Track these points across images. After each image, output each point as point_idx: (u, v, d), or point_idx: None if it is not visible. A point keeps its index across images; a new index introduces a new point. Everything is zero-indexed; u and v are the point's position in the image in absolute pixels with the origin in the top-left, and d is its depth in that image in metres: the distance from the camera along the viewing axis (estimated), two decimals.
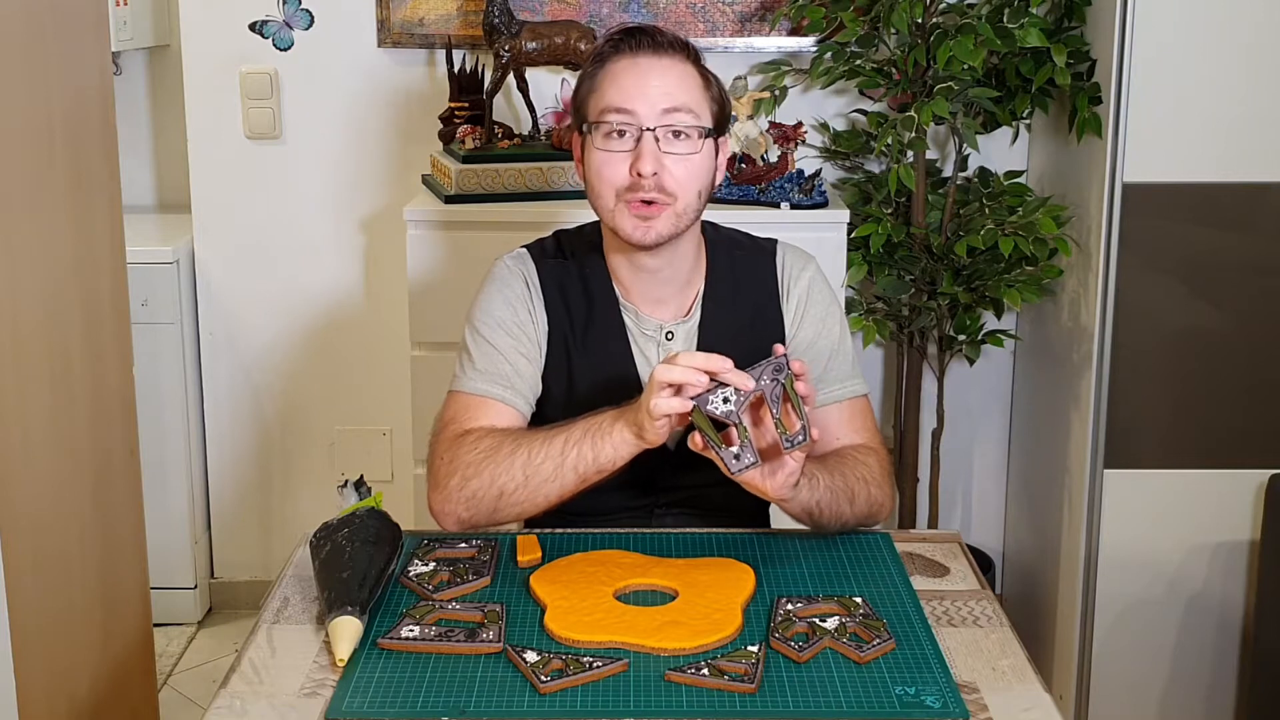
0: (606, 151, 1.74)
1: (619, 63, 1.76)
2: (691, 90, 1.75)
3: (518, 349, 1.81)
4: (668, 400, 1.56)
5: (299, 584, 1.66)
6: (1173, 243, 2.57)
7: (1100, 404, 2.62)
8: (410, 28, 3.02)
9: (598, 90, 1.76)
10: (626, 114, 1.73)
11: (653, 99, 1.72)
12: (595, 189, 1.77)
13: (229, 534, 3.34)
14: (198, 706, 2.90)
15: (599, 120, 1.75)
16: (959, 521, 3.29)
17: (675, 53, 1.76)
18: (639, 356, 1.84)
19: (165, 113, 3.33)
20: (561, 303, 1.84)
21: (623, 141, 1.74)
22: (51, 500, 2.00)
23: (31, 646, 1.91)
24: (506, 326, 1.82)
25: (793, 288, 1.89)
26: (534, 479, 1.66)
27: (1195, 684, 2.73)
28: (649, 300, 1.84)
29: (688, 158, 1.74)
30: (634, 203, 1.73)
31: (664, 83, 1.74)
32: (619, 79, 1.75)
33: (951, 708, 1.37)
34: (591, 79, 1.78)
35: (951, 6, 2.74)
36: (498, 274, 1.87)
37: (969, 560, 1.74)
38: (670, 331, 1.84)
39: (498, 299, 1.84)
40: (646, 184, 1.72)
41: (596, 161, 1.75)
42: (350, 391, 3.25)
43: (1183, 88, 2.50)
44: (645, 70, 1.74)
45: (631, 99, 1.73)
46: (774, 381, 1.56)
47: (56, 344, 2.01)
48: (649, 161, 1.71)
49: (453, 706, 1.37)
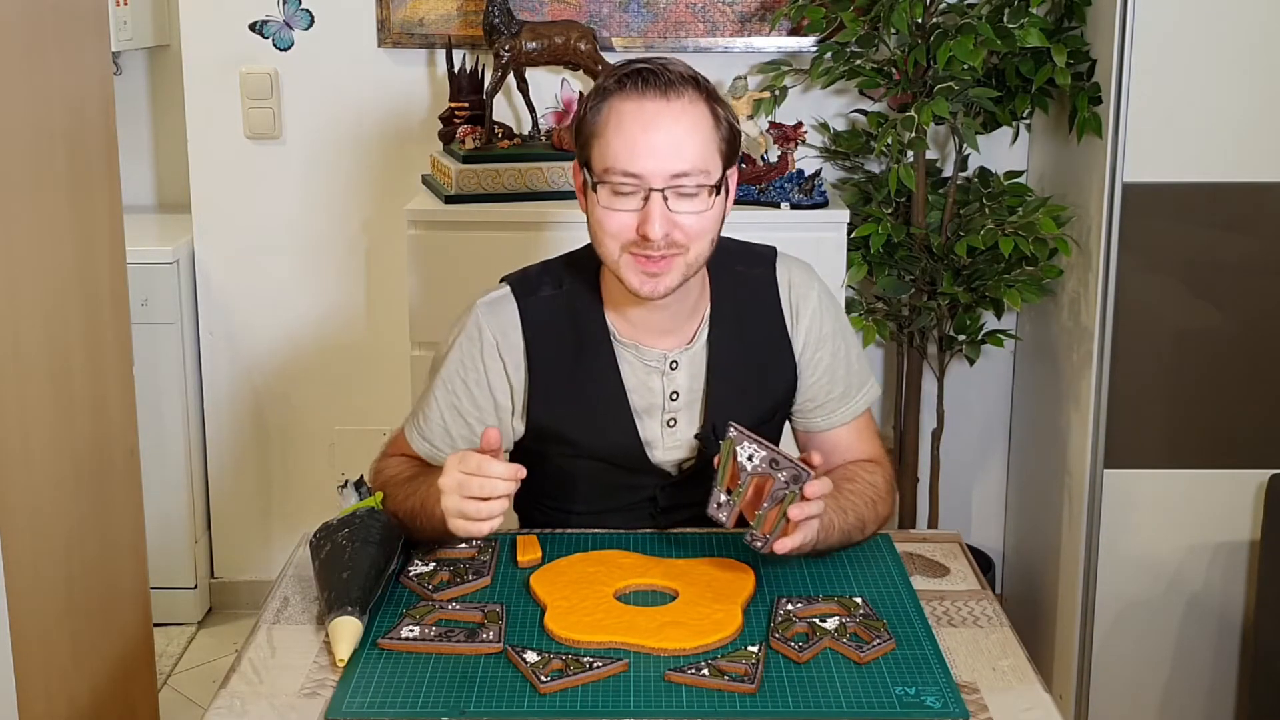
0: (611, 210, 1.66)
1: (625, 106, 1.64)
2: (701, 139, 1.65)
3: (458, 409, 1.79)
4: (459, 520, 1.57)
5: (299, 584, 1.66)
6: (1173, 243, 2.57)
7: (1100, 404, 2.62)
8: (410, 28, 3.02)
9: (602, 137, 1.66)
10: (633, 177, 1.63)
11: (660, 158, 1.63)
12: (599, 239, 1.69)
13: (229, 534, 3.34)
14: (198, 706, 2.90)
15: (603, 179, 1.65)
16: (959, 521, 3.29)
17: (684, 92, 1.65)
18: (639, 387, 1.79)
19: (165, 113, 3.33)
20: (547, 339, 1.79)
21: (629, 200, 1.65)
22: (51, 500, 2.00)
23: (31, 646, 1.91)
24: (452, 385, 1.80)
25: (801, 309, 1.84)
26: (406, 517, 1.68)
27: (1195, 684, 2.73)
28: (652, 332, 1.78)
29: (699, 214, 1.66)
30: (640, 257, 1.66)
31: (672, 137, 1.63)
32: (624, 129, 1.64)
33: (951, 708, 1.37)
34: (595, 116, 1.67)
35: (951, 6, 2.74)
36: (465, 327, 1.80)
37: (969, 560, 1.75)
38: (675, 361, 1.79)
39: (453, 358, 1.81)
40: (656, 245, 1.64)
41: (600, 215, 1.67)
42: (350, 391, 3.25)
43: (1183, 88, 2.50)
44: (652, 120, 1.63)
45: (639, 159, 1.63)
46: (785, 485, 1.56)
47: (56, 344, 2.01)
48: (658, 225, 1.63)
49: (453, 706, 1.37)
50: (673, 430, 1.80)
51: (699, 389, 1.80)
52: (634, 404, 1.78)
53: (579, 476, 1.84)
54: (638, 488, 1.83)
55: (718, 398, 1.79)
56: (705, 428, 1.79)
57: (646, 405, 1.79)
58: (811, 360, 1.84)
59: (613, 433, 1.79)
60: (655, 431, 1.80)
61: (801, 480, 1.56)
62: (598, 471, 1.82)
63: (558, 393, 1.79)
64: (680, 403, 1.79)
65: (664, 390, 1.79)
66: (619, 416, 1.78)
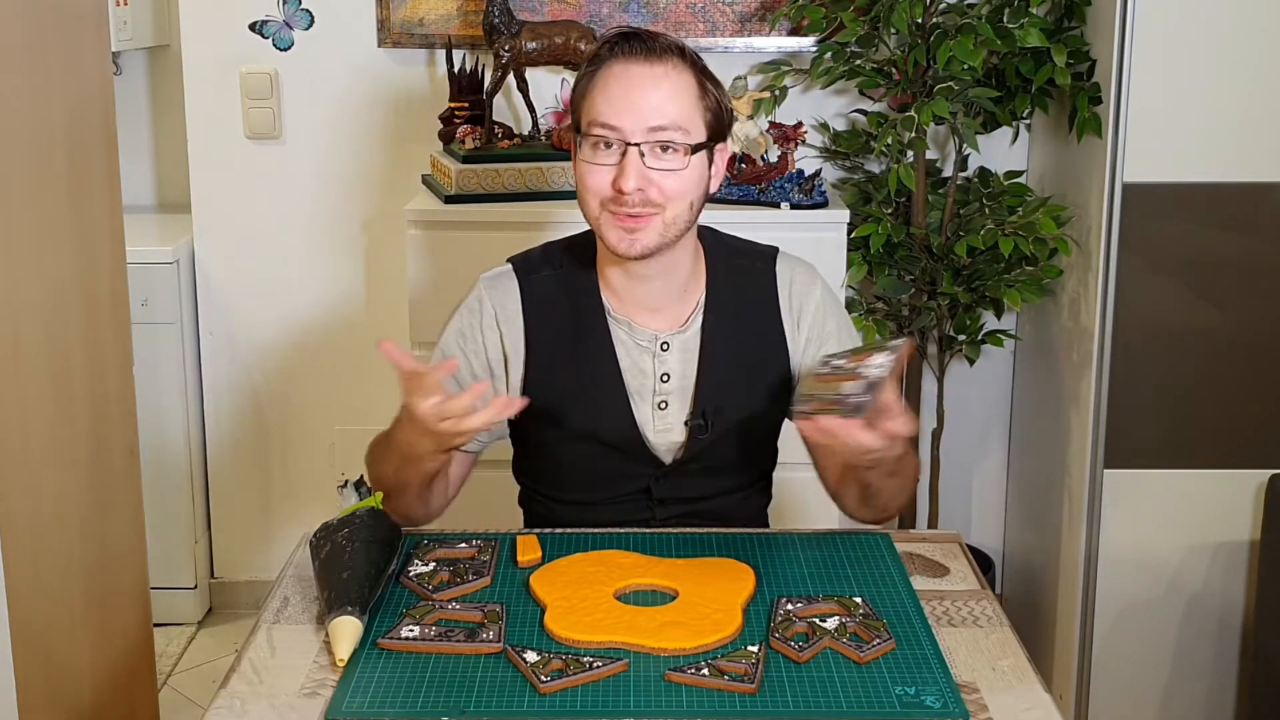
0: (590, 164, 1.72)
1: (611, 69, 1.72)
2: (683, 102, 1.71)
3: (456, 377, 1.81)
4: (421, 403, 1.62)
5: (299, 584, 1.66)
6: (1173, 243, 2.57)
7: (1100, 404, 2.62)
8: (410, 28, 3.02)
9: (588, 98, 1.73)
10: (611, 129, 1.69)
11: (640, 113, 1.69)
12: (580, 196, 1.76)
13: (229, 534, 3.34)
14: (198, 706, 2.90)
15: (586, 132, 1.72)
16: (959, 521, 3.29)
17: (670, 59, 1.71)
18: (632, 368, 1.82)
19: (165, 113, 3.33)
20: (546, 316, 1.84)
21: (607, 154, 1.71)
22: (51, 500, 2.00)
23: (31, 646, 1.91)
24: (450, 354, 1.85)
25: (805, 307, 1.87)
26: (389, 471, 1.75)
27: (1195, 684, 2.73)
28: (644, 310, 1.82)
29: (676, 172, 1.71)
30: (619, 214, 1.71)
31: (654, 95, 1.70)
32: (609, 89, 1.71)
33: (951, 708, 1.37)
34: (585, 83, 1.74)
35: (951, 6, 2.74)
36: (466, 299, 1.88)
37: (969, 560, 1.75)
38: (666, 342, 1.82)
39: (453, 327, 1.87)
40: (630, 199, 1.69)
41: (580, 171, 1.74)
42: (350, 391, 3.24)
43: (1183, 88, 2.50)
44: (635, 81, 1.70)
45: (618, 113, 1.69)
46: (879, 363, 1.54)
47: (56, 344, 2.01)
48: (631, 178, 1.68)
49: (453, 706, 1.37)
50: (664, 413, 1.83)
51: (690, 374, 1.83)
52: (628, 384, 1.82)
53: (574, 463, 1.86)
54: (631, 476, 1.85)
55: (708, 384, 1.82)
56: (695, 414, 1.82)
57: (639, 386, 1.82)
58: (817, 356, 1.86)
59: (607, 412, 1.82)
60: (647, 414, 1.83)
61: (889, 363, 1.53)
62: (592, 457, 1.84)
63: (554, 371, 1.82)
64: (671, 385, 1.82)
65: (655, 372, 1.82)
66: (613, 395, 1.81)
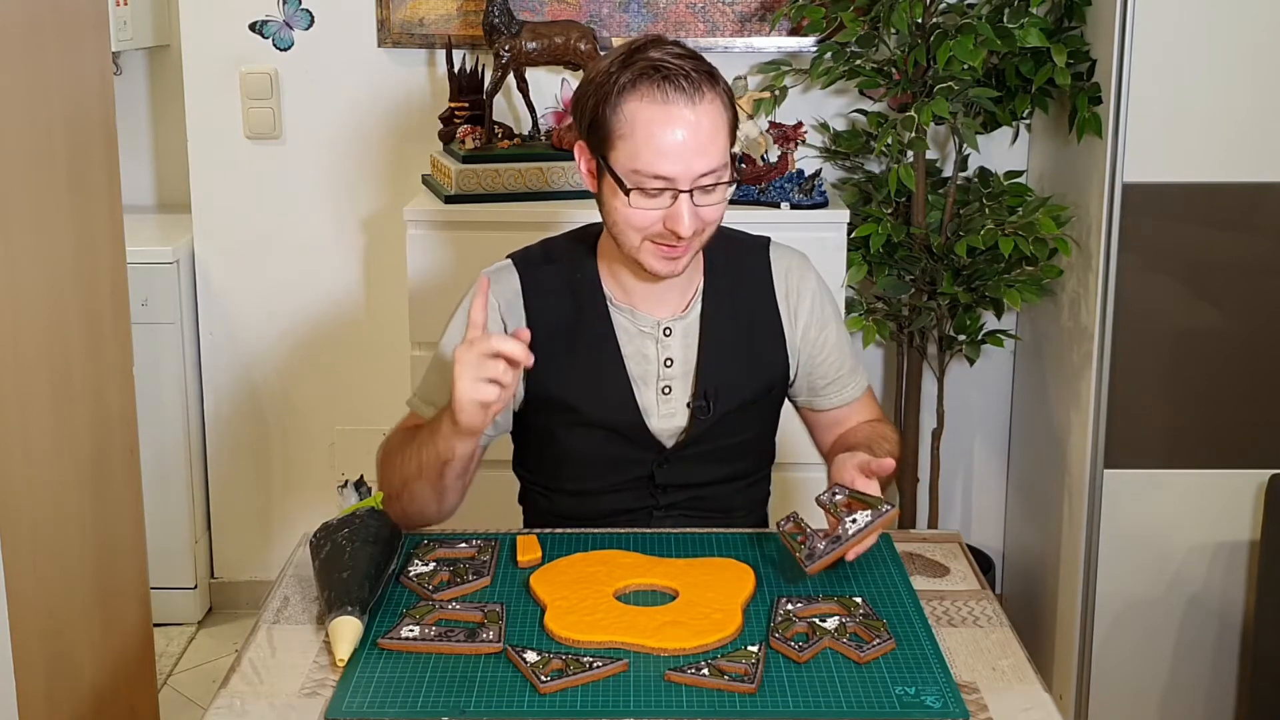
0: (640, 209, 1.70)
1: (651, 110, 1.67)
2: (721, 140, 1.70)
3: None
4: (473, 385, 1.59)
5: (299, 584, 1.66)
6: (1173, 243, 2.57)
7: (1100, 404, 2.62)
8: (410, 28, 3.02)
9: (629, 139, 1.68)
10: (664, 179, 1.68)
11: (689, 162, 1.67)
12: (621, 231, 1.74)
13: (229, 534, 3.34)
14: (198, 706, 2.90)
15: (634, 182, 1.68)
16: (959, 521, 3.29)
17: (705, 90, 1.68)
18: (635, 354, 1.84)
19: (165, 113, 3.33)
20: (547, 307, 1.85)
21: (658, 199, 1.69)
22: (51, 500, 2.00)
23: (31, 646, 1.91)
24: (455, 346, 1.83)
25: (802, 292, 1.91)
26: (412, 475, 1.74)
27: (1195, 684, 2.73)
28: (648, 299, 1.85)
29: (718, 204, 1.73)
30: (663, 245, 1.72)
31: (699, 139, 1.68)
32: (654, 138, 1.67)
33: (951, 708, 1.37)
34: (616, 116, 1.69)
35: (951, 6, 2.74)
36: (470, 292, 1.87)
37: (969, 560, 1.75)
38: (668, 328, 1.85)
39: (458, 319, 1.88)
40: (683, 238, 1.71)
41: (628, 214, 1.71)
42: (350, 391, 3.25)
43: (1183, 88, 2.50)
44: (679, 125, 1.67)
45: (669, 165, 1.67)
46: (857, 521, 1.61)
47: (56, 344, 2.01)
48: (688, 223, 1.69)
49: (453, 706, 1.37)
50: (668, 398, 1.85)
51: (692, 359, 1.85)
52: (631, 370, 1.84)
53: (578, 450, 1.87)
54: (635, 462, 1.86)
55: (709, 368, 1.85)
56: (697, 397, 1.85)
57: (642, 372, 1.84)
58: (818, 339, 1.92)
59: (611, 399, 1.84)
60: (651, 399, 1.85)
61: (871, 522, 1.60)
62: (596, 443, 1.86)
63: (558, 360, 1.83)
64: (675, 370, 1.85)
65: (658, 356, 1.84)
66: (617, 382, 1.84)
